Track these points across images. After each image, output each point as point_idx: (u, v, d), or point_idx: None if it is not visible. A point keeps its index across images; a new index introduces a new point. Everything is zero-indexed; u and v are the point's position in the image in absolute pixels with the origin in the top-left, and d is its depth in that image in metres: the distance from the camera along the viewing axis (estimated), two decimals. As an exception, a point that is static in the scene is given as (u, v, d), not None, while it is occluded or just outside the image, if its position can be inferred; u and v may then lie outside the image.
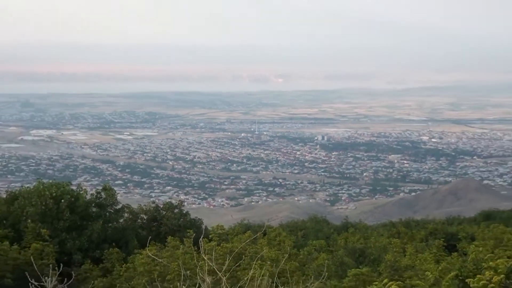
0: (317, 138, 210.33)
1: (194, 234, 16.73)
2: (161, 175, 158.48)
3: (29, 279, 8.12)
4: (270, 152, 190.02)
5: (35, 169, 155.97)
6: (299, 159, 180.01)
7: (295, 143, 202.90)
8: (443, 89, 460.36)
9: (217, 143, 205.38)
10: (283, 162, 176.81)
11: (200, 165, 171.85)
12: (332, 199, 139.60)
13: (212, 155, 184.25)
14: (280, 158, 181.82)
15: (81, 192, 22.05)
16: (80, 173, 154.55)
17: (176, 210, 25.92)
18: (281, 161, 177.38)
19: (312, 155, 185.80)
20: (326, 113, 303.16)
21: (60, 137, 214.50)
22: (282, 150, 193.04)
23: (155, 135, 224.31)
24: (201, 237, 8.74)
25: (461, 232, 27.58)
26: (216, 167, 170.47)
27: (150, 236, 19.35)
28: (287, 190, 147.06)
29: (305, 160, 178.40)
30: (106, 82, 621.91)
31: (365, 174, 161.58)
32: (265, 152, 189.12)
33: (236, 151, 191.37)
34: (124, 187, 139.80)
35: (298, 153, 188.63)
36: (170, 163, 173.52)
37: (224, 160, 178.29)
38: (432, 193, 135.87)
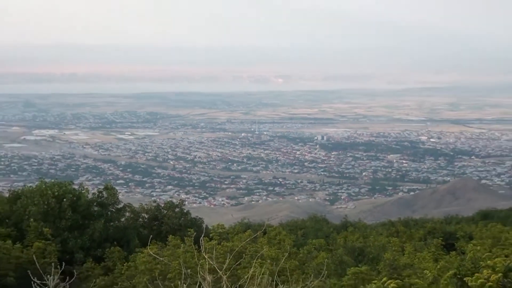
0: (316, 138, 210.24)
1: (194, 233, 16.76)
2: (162, 174, 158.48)
3: (32, 278, 8.12)
4: (270, 151, 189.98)
5: (38, 168, 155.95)
6: (299, 159, 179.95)
7: (295, 143, 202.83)
8: (442, 90, 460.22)
9: (217, 143, 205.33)
10: (283, 161, 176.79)
11: (201, 165, 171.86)
12: (331, 198, 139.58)
13: (213, 155, 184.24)
14: (280, 157, 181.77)
15: (83, 192, 22.09)
16: (82, 172, 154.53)
17: (177, 209, 25.95)
18: (281, 161, 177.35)
19: (312, 154, 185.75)
20: (326, 113, 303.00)
21: (62, 137, 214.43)
22: (282, 149, 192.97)
23: (156, 135, 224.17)
24: (202, 236, 8.75)
25: (459, 231, 27.63)
26: (217, 166, 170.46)
27: (151, 235, 19.37)
28: (287, 190, 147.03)
29: (305, 160, 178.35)
30: (107, 83, 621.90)
31: (364, 174, 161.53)
32: (265, 152, 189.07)
33: (237, 151, 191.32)
34: (125, 186, 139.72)
35: (298, 152, 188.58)
36: (171, 162, 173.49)
37: (224, 160, 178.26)
38: (431, 193, 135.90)
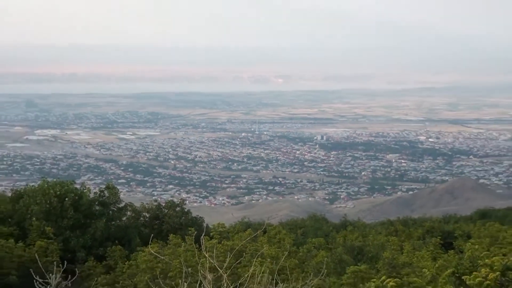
0: (316, 137, 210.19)
1: (195, 232, 16.76)
2: (163, 174, 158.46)
3: (34, 276, 8.13)
4: (270, 151, 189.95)
5: (40, 168, 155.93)
6: (299, 159, 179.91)
7: (294, 143, 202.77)
8: (441, 90, 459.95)
9: (218, 142, 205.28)
10: (283, 161, 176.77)
11: (202, 164, 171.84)
12: (331, 197, 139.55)
13: (213, 155, 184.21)
14: (280, 157, 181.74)
15: (84, 191, 22.08)
16: (84, 172, 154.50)
17: (177, 209, 25.96)
18: (281, 161, 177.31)
19: (312, 154, 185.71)
20: (326, 113, 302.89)
21: (64, 136, 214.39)
22: (282, 149, 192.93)
23: (157, 134, 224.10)
24: (203, 235, 8.75)
25: (457, 230, 27.65)
26: (217, 166, 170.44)
27: (152, 234, 19.31)
28: (287, 189, 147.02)
29: (305, 160, 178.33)
30: (108, 83, 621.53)
31: (363, 173, 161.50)
32: (265, 152, 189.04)
33: (237, 151, 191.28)
34: (126, 185, 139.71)
35: (297, 152, 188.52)
36: (172, 162, 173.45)
37: (225, 160, 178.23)
38: (429, 192, 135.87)
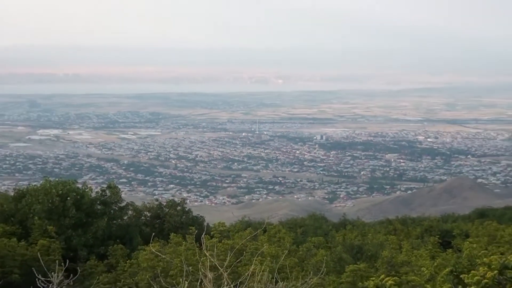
0: (316, 137, 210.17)
1: (196, 231, 16.72)
2: (164, 173, 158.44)
3: (36, 275, 8.13)
4: (270, 151, 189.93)
5: (42, 167, 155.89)
6: (299, 158, 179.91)
7: (294, 143, 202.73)
8: (439, 90, 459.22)
9: (218, 142, 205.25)
10: (283, 161, 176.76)
11: (202, 164, 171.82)
12: (330, 197, 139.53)
13: (214, 154, 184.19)
14: (280, 157, 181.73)
15: (86, 190, 22.07)
16: (86, 171, 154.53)
17: (178, 208, 25.98)
18: (281, 160, 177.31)
19: (311, 154, 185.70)
20: (325, 113, 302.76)
21: (66, 136, 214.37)
22: (282, 149, 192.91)
23: (158, 134, 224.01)
24: (203, 234, 8.75)
25: (455, 229, 27.69)
26: (218, 165, 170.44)
27: (153, 233, 19.33)
28: (286, 188, 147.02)
29: (304, 159, 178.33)
30: (109, 83, 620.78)
31: (362, 173, 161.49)
32: (265, 151, 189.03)
33: (237, 150, 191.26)
34: (128, 185, 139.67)
35: (297, 152, 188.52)
36: (173, 162, 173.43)
37: (225, 159, 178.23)
38: (428, 191, 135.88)
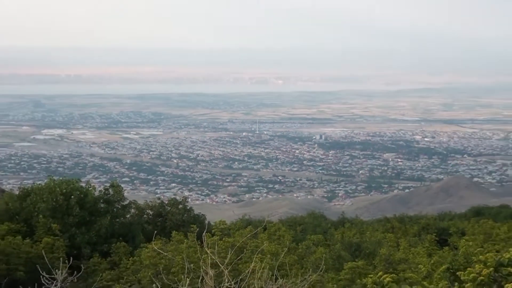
0: (315, 137, 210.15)
1: (197, 229, 16.71)
2: (166, 172, 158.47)
3: (41, 272, 8.14)
4: (270, 150, 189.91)
5: (46, 166, 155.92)
6: (298, 158, 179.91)
7: (294, 142, 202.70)
8: (438, 91, 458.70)
9: (219, 142, 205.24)
10: (283, 160, 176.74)
11: (203, 163, 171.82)
12: (329, 195, 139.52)
13: (215, 154, 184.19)
14: (280, 156, 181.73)
15: (90, 189, 22.06)
16: (89, 170, 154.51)
17: (180, 206, 25.97)
18: (280, 159, 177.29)
19: (311, 153, 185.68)
20: (324, 114, 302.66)
21: (70, 136, 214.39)
22: (282, 148, 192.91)
23: (160, 134, 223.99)
24: (204, 231, 8.73)
25: (452, 227, 27.66)
26: (219, 165, 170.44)
27: (155, 231, 19.32)
28: (286, 187, 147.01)
29: (304, 158, 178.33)
30: (112, 84, 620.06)
31: (361, 172, 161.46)
32: (265, 151, 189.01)
33: (238, 150, 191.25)
34: (130, 184, 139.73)
35: (297, 151, 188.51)
36: (175, 161, 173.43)
37: (226, 158, 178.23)
38: (425, 190, 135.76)
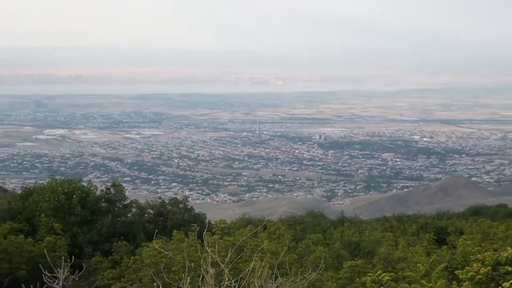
0: (314, 137, 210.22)
1: (198, 228, 16.72)
2: (167, 172, 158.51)
3: (43, 271, 8.14)
4: (270, 150, 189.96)
5: (48, 166, 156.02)
6: (298, 157, 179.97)
7: (294, 142, 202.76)
8: (438, 91, 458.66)
9: (220, 142, 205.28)
10: (283, 160, 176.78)
11: (204, 163, 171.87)
12: (328, 195, 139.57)
13: (215, 153, 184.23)
14: (280, 156, 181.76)
15: (91, 188, 22.06)
16: (91, 170, 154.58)
17: (181, 205, 25.95)
18: (280, 159, 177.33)
19: (310, 153, 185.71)
20: (323, 114, 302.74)
21: (72, 136, 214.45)
22: (282, 148, 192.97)
23: (161, 134, 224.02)
24: (205, 231, 8.73)
25: (450, 226, 27.62)
26: (219, 164, 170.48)
27: (156, 230, 19.32)
28: (286, 187, 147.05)
29: (303, 158, 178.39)
30: (114, 84, 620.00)
31: (360, 171, 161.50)
32: (265, 151, 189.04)
33: (238, 150, 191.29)
34: (132, 183, 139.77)
35: (296, 151, 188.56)
36: (176, 160, 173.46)
37: (226, 158, 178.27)
38: (423, 189, 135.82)
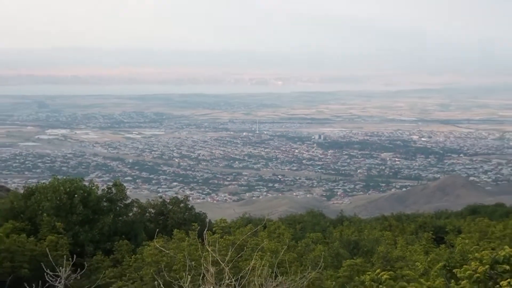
0: (314, 137, 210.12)
1: (198, 227, 16.73)
2: (167, 171, 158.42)
3: (45, 269, 8.16)
4: (270, 150, 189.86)
5: (50, 166, 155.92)
6: (297, 157, 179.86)
7: (293, 142, 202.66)
8: (437, 91, 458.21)
9: (220, 141, 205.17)
10: (282, 159, 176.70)
11: (204, 162, 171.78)
12: (328, 194, 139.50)
13: (216, 153, 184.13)
14: (280, 156, 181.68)
15: (93, 188, 22.09)
16: (92, 169, 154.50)
17: (181, 205, 25.99)
18: (280, 159, 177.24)
19: (310, 153, 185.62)
20: (323, 114, 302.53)
21: (74, 136, 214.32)
22: (281, 148, 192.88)
23: (162, 134, 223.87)
24: (205, 230, 8.74)
25: (448, 226, 27.64)
26: (219, 164, 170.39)
27: (157, 229, 19.36)
28: (286, 186, 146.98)
29: (303, 158, 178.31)
30: (115, 85, 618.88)
31: (359, 171, 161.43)
32: (265, 150, 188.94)
33: (238, 149, 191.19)
34: (133, 183, 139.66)
35: (296, 151, 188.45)
36: (176, 160, 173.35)
37: (227, 158, 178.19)
38: (422, 189, 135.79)
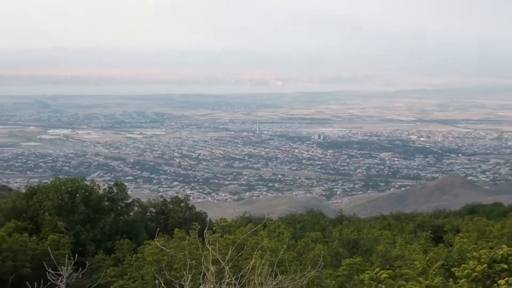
0: (313, 137, 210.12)
1: (199, 226, 16.73)
2: (168, 171, 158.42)
3: (47, 268, 8.16)
4: (270, 150, 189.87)
5: (52, 165, 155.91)
6: (297, 157, 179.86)
7: (293, 142, 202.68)
8: (436, 92, 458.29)
9: (220, 141, 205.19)
10: (282, 159, 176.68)
11: (205, 162, 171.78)
12: (327, 193, 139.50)
13: (216, 153, 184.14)
14: (279, 155, 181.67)
15: (94, 187, 22.09)
16: (94, 169, 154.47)
17: (182, 204, 26.01)
18: (280, 159, 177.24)
19: (309, 153, 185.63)
20: (322, 114, 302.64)
21: (75, 136, 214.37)
22: (281, 148, 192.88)
23: (163, 134, 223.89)
24: (206, 229, 8.74)
25: (447, 225, 27.67)
26: (220, 164, 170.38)
27: (158, 228, 19.33)
28: (286, 186, 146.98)
29: (303, 158, 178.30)
30: (116, 85, 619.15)
31: (358, 171, 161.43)
32: (265, 150, 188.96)
33: (238, 149, 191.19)
34: (134, 182, 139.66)
35: (296, 151, 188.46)
36: (177, 160, 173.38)
37: (227, 158, 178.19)
38: (420, 188, 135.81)
